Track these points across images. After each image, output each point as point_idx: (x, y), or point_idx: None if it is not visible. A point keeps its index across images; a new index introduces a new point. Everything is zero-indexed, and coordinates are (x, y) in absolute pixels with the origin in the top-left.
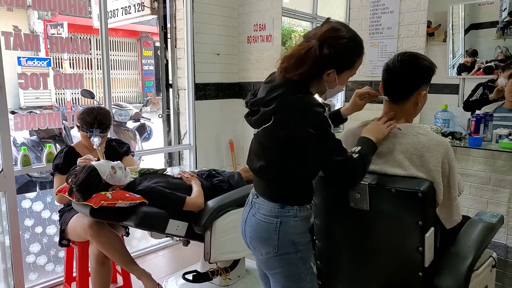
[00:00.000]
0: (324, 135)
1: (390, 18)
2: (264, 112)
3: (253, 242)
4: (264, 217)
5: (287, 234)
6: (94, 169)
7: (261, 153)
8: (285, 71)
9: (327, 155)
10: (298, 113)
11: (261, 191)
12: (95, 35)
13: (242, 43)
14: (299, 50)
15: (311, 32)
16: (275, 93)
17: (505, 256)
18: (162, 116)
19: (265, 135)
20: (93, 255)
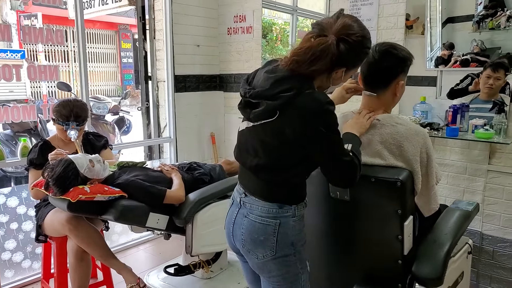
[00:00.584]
0: (336, 135)
1: (370, 10)
2: (268, 106)
3: (247, 245)
4: (261, 219)
5: (287, 235)
6: (71, 162)
7: (260, 150)
8: (297, 64)
9: (338, 156)
10: (310, 112)
11: (255, 190)
12: (71, 26)
13: (222, 34)
14: (317, 44)
15: (324, 22)
16: (283, 87)
17: (481, 243)
18: (141, 109)
19: (266, 131)
20: (71, 251)
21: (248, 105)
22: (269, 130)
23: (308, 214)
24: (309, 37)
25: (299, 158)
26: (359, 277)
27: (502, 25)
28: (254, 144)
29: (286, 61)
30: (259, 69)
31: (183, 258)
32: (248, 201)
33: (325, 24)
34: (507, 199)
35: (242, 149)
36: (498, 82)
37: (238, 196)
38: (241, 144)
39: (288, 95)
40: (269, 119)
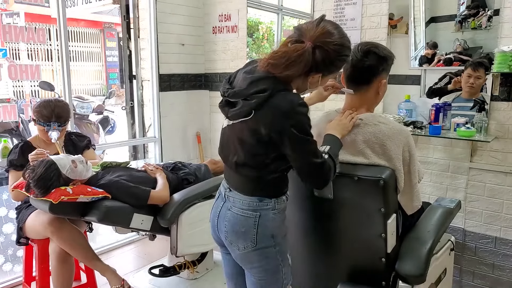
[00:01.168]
0: (307, 137)
1: (353, 9)
2: (244, 106)
3: (229, 237)
4: (242, 211)
5: (266, 227)
6: (53, 163)
7: (239, 148)
8: (272, 67)
9: (308, 157)
10: (283, 113)
11: (236, 185)
12: (54, 25)
13: (207, 33)
14: (293, 50)
15: (304, 27)
16: (258, 87)
17: (463, 240)
18: (126, 108)
19: (244, 129)
20: (53, 253)
21: (227, 104)
22: (246, 128)
23: (292, 213)
24: (287, 42)
25: (274, 156)
26: (343, 275)
27: (484, 24)
28: (234, 142)
29: (263, 63)
30: (240, 69)
31: (168, 259)
32: (232, 195)
33: (304, 29)
34: (488, 196)
35: (224, 146)
36: (478, 81)
37: (223, 191)
38: (223, 141)
39: (263, 96)
40: (245, 118)
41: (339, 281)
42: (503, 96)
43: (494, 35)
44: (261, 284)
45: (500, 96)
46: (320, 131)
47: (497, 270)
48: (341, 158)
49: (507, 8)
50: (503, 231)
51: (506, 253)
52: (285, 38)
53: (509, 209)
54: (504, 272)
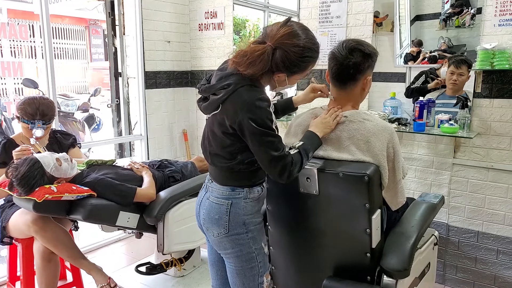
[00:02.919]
0: (265, 130)
1: (339, 7)
2: (212, 100)
3: (206, 223)
4: (216, 199)
5: (238, 215)
6: (37, 161)
7: (212, 140)
8: (236, 65)
9: (266, 149)
10: (242, 106)
11: (214, 176)
12: (38, 21)
13: (193, 30)
14: (252, 50)
15: (269, 28)
16: (225, 82)
17: (447, 234)
18: (111, 106)
19: (214, 122)
20: (38, 252)
21: (202, 99)
22: (215, 121)
23: (278, 208)
24: (251, 42)
25: (239, 148)
26: (328, 270)
27: (467, 23)
28: (208, 135)
29: (230, 61)
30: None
31: (155, 256)
32: (211, 186)
33: (269, 31)
34: (471, 191)
35: (204, 139)
36: (461, 77)
37: (206, 181)
38: (203, 135)
39: (227, 90)
40: (215, 111)
41: (325, 276)
42: (485, 93)
43: (477, 33)
44: (236, 271)
45: (483, 93)
46: (302, 129)
47: (480, 264)
48: (326, 155)
49: (489, 7)
50: (485, 226)
51: (488, 247)
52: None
53: (491, 204)
54: (486, 266)
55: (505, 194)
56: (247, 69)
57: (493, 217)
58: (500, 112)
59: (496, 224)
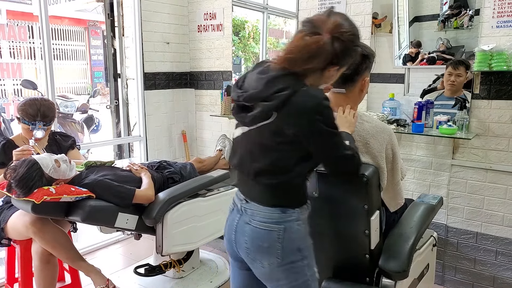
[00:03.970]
0: (335, 130)
1: (338, 9)
2: (264, 108)
3: (252, 254)
4: (264, 225)
5: (292, 241)
6: (35, 163)
7: (260, 154)
8: (291, 62)
9: (339, 150)
10: (310, 109)
11: (255, 196)
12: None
13: (192, 32)
14: (311, 43)
15: (315, 20)
16: (277, 86)
17: (446, 236)
18: (111, 107)
19: (264, 133)
20: (36, 254)
21: (243, 109)
22: (267, 132)
23: None
24: (302, 35)
25: (298, 158)
26: (328, 271)
27: (465, 24)
28: (253, 149)
29: (279, 60)
30: (249, 72)
31: (154, 258)
32: (250, 207)
33: (316, 21)
34: (469, 192)
35: (239, 156)
36: (459, 78)
37: (239, 203)
38: (237, 151)
39: (284, 94)
40: (265, 121)
41: (324, 278)
42: (483, 94)
43: (475, 34)
44: None
45: (481, 94)
46: None
47: (479, 265)
48: None
49: (486, 8)
50: (484, 227)
51: (487, 248)
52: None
53: (490, 205)
54: (485, 267)
55: (504, 195)
56: (306, 65)
57: (492, 218)
58: (498, 113)
59: (495, 225)
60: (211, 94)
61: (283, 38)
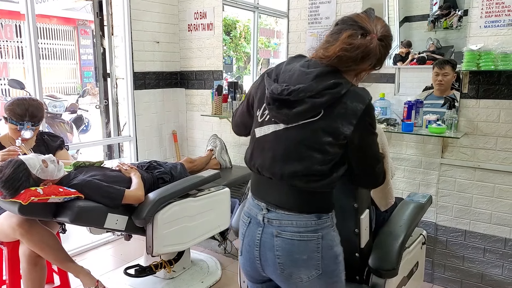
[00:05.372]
0: (375, 133)
1: (328, 8)
2: (313, 104)
3: (287, 269)
4: (299, 235)
5: (330, 248)
6: (22, 163)
7: (298, 155)
8: (342, 60)
9: (377, 155)
10: (360, 109)
11: (284, 203)
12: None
13: (182, 31)
14: (367, 44)
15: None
16: (328, 83)
17: (435, 234)
18: (100, 107)
19: (307, 131)
20: (24, 256)
21: (283, 105)
22: (312, 130)
23: None
24: (353, 34)
25: (338, 161)
26: None
27: (455, 24)
28: (289, 149)
29: (328, 56)
30: (283, 65)
31: (144, 258)
32: (276, 217)
33: (361, 22)
34: (458, 191)
35: (266, 156)
36: (447, 77)
37: (259, 214)
38: (265, 151)
39: (337, 91)
40: (312, 118)
41: None
42: (471, 94)
43: (464, 34)
44: None
45: (469, 94)
46: None
47: (467, 262)
48: None
49: (475, 8)
50: (472, 225)
51: (475, 246)
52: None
53: (478, 203)
54: (473, 264)
55: (491, 193)
56: (357, 65)
57: (480, 216)
58: (486, 112)
59: (482, 223)
60: (201, 93)
61: (274, 37)
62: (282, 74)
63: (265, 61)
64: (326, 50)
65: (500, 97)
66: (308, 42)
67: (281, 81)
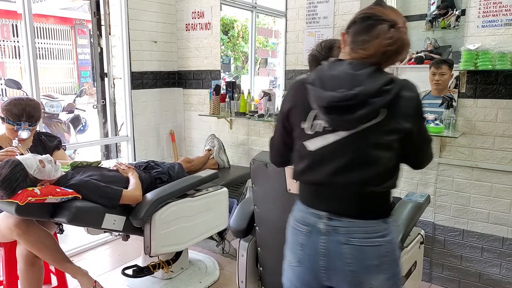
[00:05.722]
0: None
1: (326, 7)
2: (376, 105)
3: (358, 276)
4: (369, 241)
5: (395, 252)
6: (19, 163)
7: (367, 159)
8: (387, 55)
9: (428, 140)
10: (415, 101)
11: (350, 210)
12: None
13: (180, 30)
14: (403, 35)
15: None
16: (381, 81)
17: (433, 233)
18: (97, 107)
19: (371, 134)
20: (21, 256)
21: (344, 111)
22: (377, 131)
23: (265, 210)
24: (387, 27)
25: (397, 159)
26: None
27: (452, 24)
28: (356, 155)
29: (371, 54)
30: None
31: (142, 259)
32: (341, 224)
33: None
34: (456, 190)
35: (331, 167)
36: (444, 77)
37: (319, 222)
38: (328, 162)
39: (395, 88)
40: (374, 119)
41: None
42: (469, 93)
43: (461, 34)
44: None
45: (467, 93)
46: None
47: (465, 262)
48: None
49: (472, 8)
50: (470, 224)
51: (473, 245)
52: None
53: (476, 202)
54: (471, 264)
55: (489, 192)
56: (397, 57)
57: (478, 216)
58: (484, 112)
59: (480, 222)
60: (199, 93)
61: (272, 37)
62: (330, 81)
63: (263, 60)
64: (366, 49)
65: (498, 97)
66: (306, 42)
67: (332, 87)
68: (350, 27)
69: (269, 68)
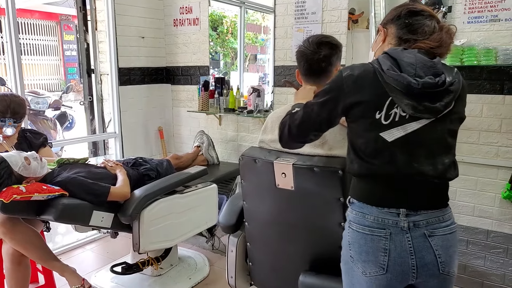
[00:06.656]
0: None
1: (314, 3)
2: (455, 93)
3: (447, 266)
4: (449, 228)
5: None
6: (3, 160)
7: (445, 146)
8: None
9: None
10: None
11: (427, 201)
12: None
13: (168, 26)
14: (448, 28)
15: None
16: (452, 71)
17: None
18: (84, 104)
19: (447, 119)
20: (7, 255)
21: (433, 98)
22: (451, 119)
23: (254, 205)
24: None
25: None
26: (304, 265)
27: None
28: (439, 142)
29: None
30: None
31: (131, 256)
32: (420, 218)
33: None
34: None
35: (414, 156)
36: None
37: (400, 221)
38: (410, 152)
39: (459, 76)
40: (449, 108)
41: (300, 271)
42: None
43: None
44: None
45: None
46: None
47: None
48: (301, 150)
49: (458, 4)
50: (456, 217)
51: (459, 238)
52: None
53: (461, 196)
54: (458, 256)
55: (474, 186)
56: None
57: (463, 209)
58: (469, 107)
59: (466, 216)
60: (188, 89)
61: (261, 33)
62: (408, 67)
63: (252, 56)
64: (433, 40)
65: (483, 92)
66: (295, 37)
67: (412, 74)
68: (393, 21)
69: (258, 64)
